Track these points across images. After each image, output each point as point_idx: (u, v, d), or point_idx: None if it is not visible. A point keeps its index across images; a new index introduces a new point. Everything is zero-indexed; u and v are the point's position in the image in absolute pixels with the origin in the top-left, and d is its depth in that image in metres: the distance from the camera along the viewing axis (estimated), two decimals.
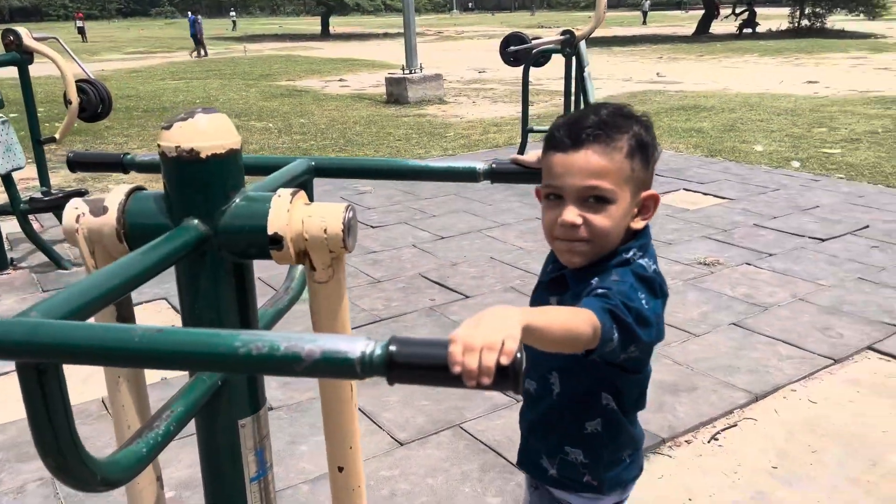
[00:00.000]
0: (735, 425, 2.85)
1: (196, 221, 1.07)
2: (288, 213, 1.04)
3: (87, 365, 0.85)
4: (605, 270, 1.27)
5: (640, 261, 1.29)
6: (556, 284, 1.36)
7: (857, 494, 2.43)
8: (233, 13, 55.32)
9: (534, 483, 1.51)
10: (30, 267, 4.70)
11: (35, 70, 5.03)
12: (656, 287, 1.27)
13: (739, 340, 3.50)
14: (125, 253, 1.11)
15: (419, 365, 0.70)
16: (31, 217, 4.73)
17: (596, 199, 1.25)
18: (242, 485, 1.22)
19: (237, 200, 1.09)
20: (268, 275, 3.96)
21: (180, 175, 1.07)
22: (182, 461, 2.62)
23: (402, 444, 2.74)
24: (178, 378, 3.17)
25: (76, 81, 4.72)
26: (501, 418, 2.89)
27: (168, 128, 1.05)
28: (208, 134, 1.05)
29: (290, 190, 1.10)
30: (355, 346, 0.71)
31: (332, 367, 0.71)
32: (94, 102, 4.88)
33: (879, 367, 3.26)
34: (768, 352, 3.38)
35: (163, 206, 1.10)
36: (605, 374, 1.32)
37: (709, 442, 2.75)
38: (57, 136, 4.87)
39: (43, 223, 5.52)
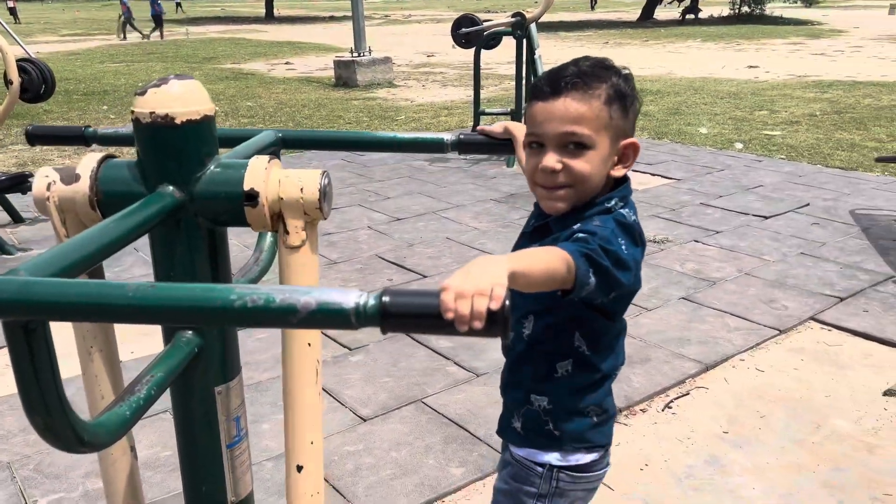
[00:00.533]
0: (687, 394, 2.95)
1: (171, 188, 1.07)
2: (265, 173, 1.05)
3: (79, 321, 0.85)
4: (586, 218, 1.30)
5: (622, 210, 1.32)
6: (539, 233, 1.39)
7: (803, 455, 2.55)
8: None
9: (504, 456, 1.51)
10: None
11: None
12: (636, 235, 1.30)
13: (689, 314, 3.61)
14: (97, 221, 1.10)
15: (412, 313, 0.72)
16: None
17: (575, 145, 1.29)
18: (219, 451, 1.23)
19: (212, 167, 1.09)
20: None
21: (154, 141, 1.06)
22: (141, 442, 2.59)
23: (365, 420, 2.76)
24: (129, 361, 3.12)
25: (17, 61, 4.56)
26: (462, 392, 2.93)
27: (142, 94, 1.05)
28: (183, 99, 1.05)
29: (266, 156, 1.10)
30: (349, 297, 0.73)
31: (328, 318, 0.72)
32: (37, 83, 4.72)
33: (821, 336, 3.41)
34: (717, 324, 3.50)
35: (136, 173, 1.09)
36: (577, 313, 1.34)
37: (663, 410, 2.84)
38: None
39: None
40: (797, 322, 3.51)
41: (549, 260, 1.12)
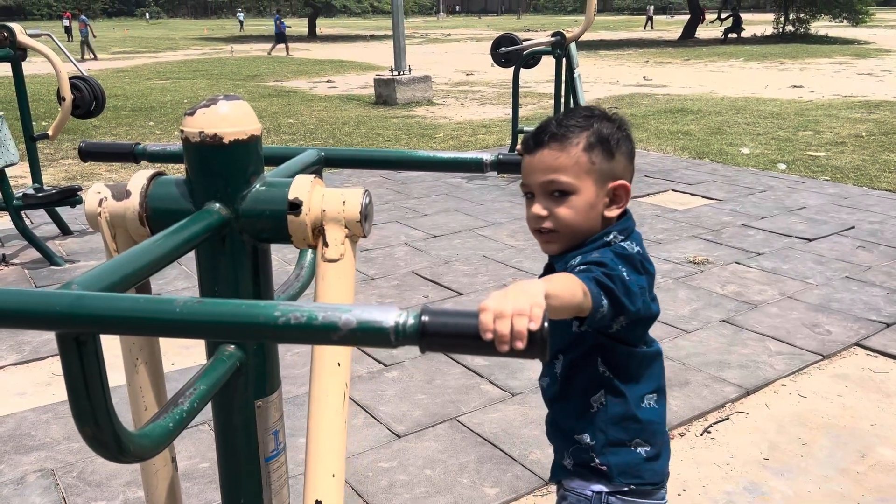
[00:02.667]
0: (727, 419, 2.90)
1: (218, 205, 1.10)
2: (310, 184, 1.08)
3: (128, 335, 0.88)
4: (586, 252, 1.38)
5: (622, 243, 1.39)
6: (546, 273, 1.47)
7: (847, 485, 2.48)
8: (240, 13, 55.95)
9: (558, 494, 1.53)
10: (22, 263, 4.68)
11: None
12: (637, 264, 1.35)
13: (730, 337, 3.55)
14: (146, 237, 1.14)
15: (451, 333, 0.73)
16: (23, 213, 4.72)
17: (560, 193, 1.39)
18: (257, 465, 1.25)
19: (258, 185, 1.11)
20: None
21: (203, 160, 1.09)
22: (181, 453, 2.63)
23: (399, 437, 2.77)
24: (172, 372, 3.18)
25: (70, 78, 4.71)
26: (497, 412, 2.92)
27: (192, 114, 1.08)
28: (231, 120, 1.08)
29: (311, 175, 1.13)
30: (389, 315, 0.74)
31: (368, 336, 0.74)
32: (88, 99, 4.87)
33: (866, 362, 3.33)
34: (758, 348, 3.44)
35: (185, 190, 1.12)
36: (599, 343, 1.40)
37: (701, 435, 2.80)
38: (50, 132, 4.85)
39: (34, 220, 5.50)
40: (841, 347, 3.43)
41: (570, 284, 1.20)
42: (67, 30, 40.64)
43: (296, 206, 1.06)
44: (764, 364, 3.28)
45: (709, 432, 2.81)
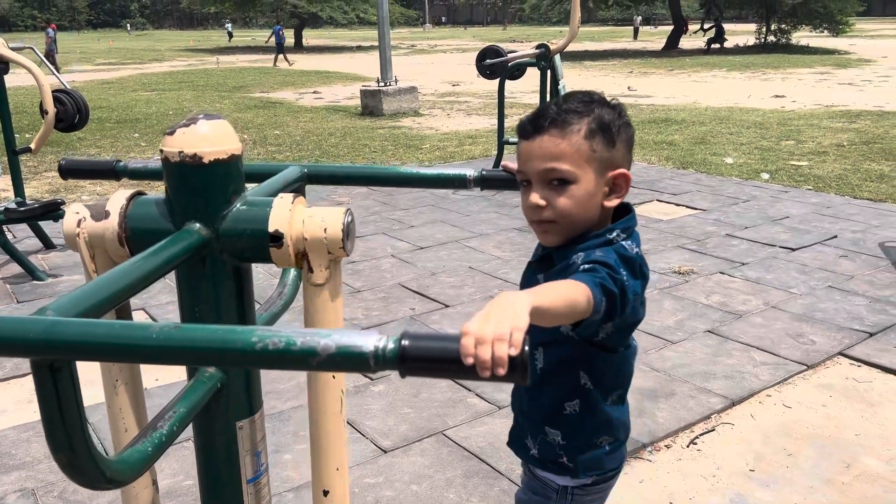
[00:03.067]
0: (713, 430, 2.90)
1: (198, 225, 1.09)
2: (290, 213, 1.07)
3: (104, 361, 0.87)
4: (588, 248, 1.33)
5: (624, 242, 1.35)
6: (543, 263, 1.42)
7: (832, 495, 2.49)
8: (229, 25, 56.12)
9: (524, 468, 1.58)
10: (3, 278, 4.63)
11: None
12: (636, 268, 1.32)
13: (715, 347, 3.57)
14: (126, 257, 1.13)
15: (431, 358, 0.73)
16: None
17: (558, 181, 1.33)
18: (239, 486, 1.23)
19: (238, 205, 1.11)
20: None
21: (183, 180, 1.08)
22: (164, 471, 2.61)
23: (385, 452, 2.75)
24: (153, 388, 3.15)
25: (53, 91, 4.68)
26: (484, 425, 2.91)
27: (171, 133, 1.07)
28: (211, 139, 1.07)
29: (291, 195, 1.12)
30: (368, 340, 0.73)
31: (347, 361, 0.73)
32: (71, 112, 4.84)
33: (850, 372, 3.35)
34: (743, 358, 3.45)
35: (164, 210, 1.11)
36: (583, 352, 1.38)
37: (688, 446, 2.80)
38: (32, 146, 4.81)
39: (16, 234, 5.45)
40: (825, 357, 3.45)
41: (570, 293, 1.14)
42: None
43: (277, 239, 1.06)
44: (749, 375, 3.29)
45: (695, 444, 2.81)
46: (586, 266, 1.25)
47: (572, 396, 1.42)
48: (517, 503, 1.62)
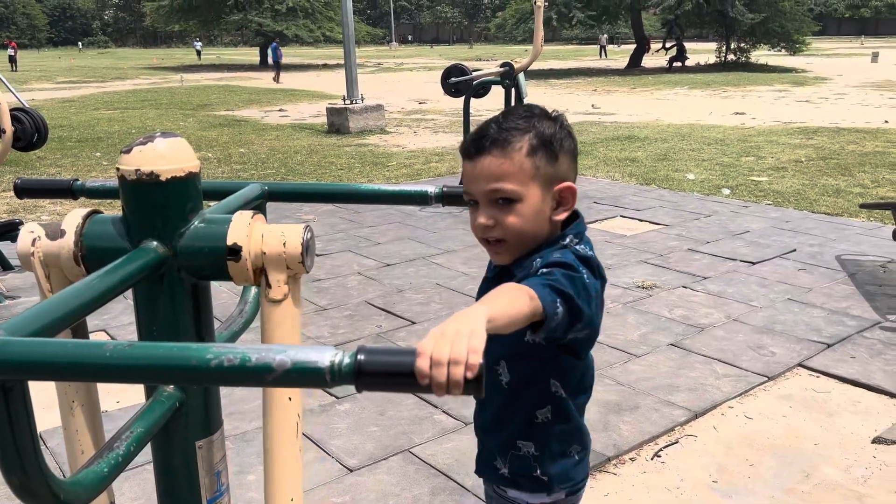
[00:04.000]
0: (676, 442, 2.94)
1: (155, 243, 1.08)
2: (248, 227, 1.07)
3: (57, 380, 0.86)
4: (544, 255, 1.33)
5: (577, 247, 1.36)
6: (501, 277, 1.40)
7: None
8: (198, 43, 55.63)
9: (488, 491, 1.55)
10: None
11: None
12: (594, 267, 1.33)
13: (678, 360, 3.61)
14: (82, 276, 1.12)
15: (387, 373, 0.73)
16: None
17: (504, 201, 1.33)
18: None
19: (196, 222, 1.10)
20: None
21: (139, 198, 1.08)
22: (125, 494, 2.56)
23: (351, 471, 2.73)
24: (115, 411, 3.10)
25: (11, 110, 4.60)
26: (451, 441, 2.91)
27: (128, 151, 1.07)
28: (168, 157, 1.07)
29: (250, 212, 1.12)
30: (324, 355, 0.74)
31: (302, 377, 0.73)
32: (30, 132, 4.76)
33: (809, 382, 3.41)
34: (706, 371, 3.50)
35: (121, 228, 1.11)
36: (550, 357, 1.37)
37: (652, 459, 2.83)
38: None
39: None
40: (785, 368, 3.52)
41: (513, 296, 1.14)
42: (11, 59, 39.78)
43: (235, 252, 1.05)
44: (711, 387, 3.34)
45: (659, 456, 2.84)
46: (543, 270, 1.25)
47: (543, 404, 1.42)
48: None
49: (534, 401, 1.42)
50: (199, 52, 54.23)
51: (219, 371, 0.73)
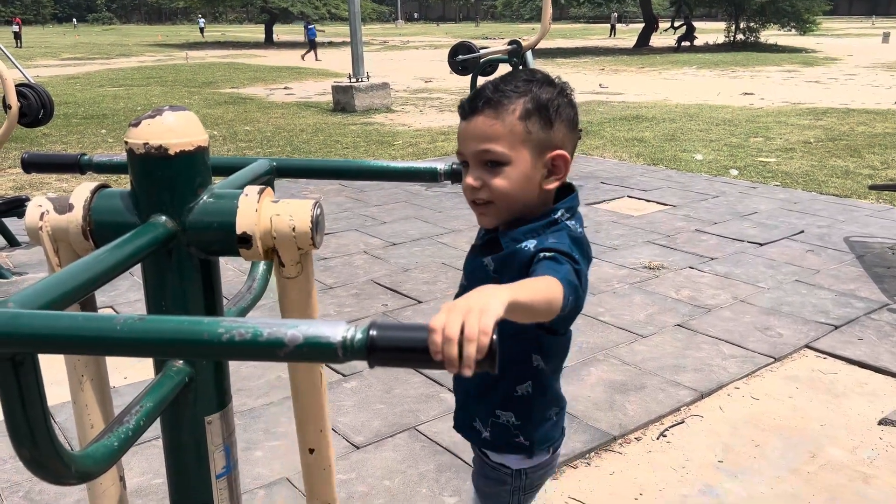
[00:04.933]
0: (682, 422, 2.94)
1: (164, 218, 1.07)
2: (256, 213, 1.06)
3: (68, 354, 0.85)
4: (536, 231, 1.32)
5: (569, 223, 1.34)
6: (488, 247, 1.40)
7: (798, 485, 2.53)
8: (201, 20, 55.35)
9: (475, 452, 1.58)
10: None
11: None
12: (584, 248, 1.33)
13: (684, 341, 3.61)
14: (90, 250, 1.11)
15: (400, 348, 0.73)
16: None
17: (492, 163, 1.32)
18: (209, 482, 1.22)
19: (205, 197, 1.09)
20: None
21: (148, 172, 1.07)
22: (133, 469, 2.57)
23: (358, 448, 2.74)
24: (123, 386, 3.11)
25: (16, 86, 4.59)
26: None
27: (136, 125, 1.06)
28: (177, 131, 1.06)
29: (258, 187, 1.11)
30: (336, 330, 0.73)
31: (315, 352, 0.73)
32: (35, 108, 4.75)
33: (816, 364, 3.41)
34: (712, 351, 3.49)
35: (129, 203, 1.10)
36: (534, 336, 1.38)
37: (657, 439, 2.83)
38: None
39: None
40: (792, 350, 3.51)
41: (548, 290, 1.12)
42: (16, 35, 39.65)
43: (245, 241, 1.05)
44: (718, 367, 3.34)
45: (664, 436, 2.85)
46: (546, 255, 1.23)
47: (524, 380, 1.42)
48: (475, 489, 1.63)
49: (516, 377, 1.43)
50: (202, 30, 53.95)
51: (230, 345, 0.72)
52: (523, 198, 1.34)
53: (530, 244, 1.30)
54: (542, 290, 1.11)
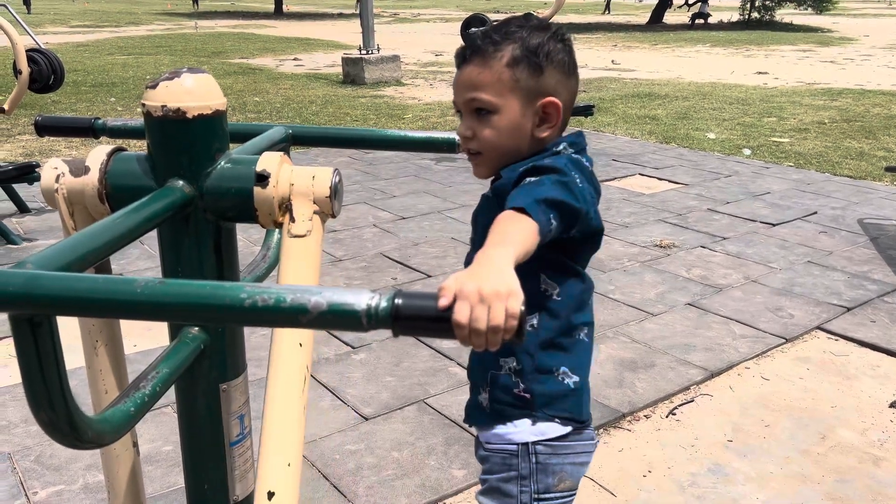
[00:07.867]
0: (692, 401, 2.93)
1: (181, 182, 1.06)
2: (279, 160, 1.05)
3: (86, 316, 0.84)
4: (534, 161, 1.27)
5: (574, 155, 1.30)
6: (498, 194, 1.33)
7: (808, 466, 2.53)
8: None
9: (478, 454, 1.46)
10: None
11: None
12: (587, 173, 1.27)
13: (695, 320, 3.59)
14: (106, 214, 1.09)
15: (425, 317, 0.71)
16: None
17: (481, 111, 1.31)
18: (222, 449, 1.22)
19: (222, 162, 1.08)
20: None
21: (165, 135, 1.05)
22: (143, 436, 2.58)
23: (367, 419, 2.75)
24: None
25: (27, 51, 4.56)
26: (465, 394, 2.89)
27: (154, 87, 1.04)
28: (195, 94, 1.04)
29: (277, 152, 1.09)
30: (361, 298, 0.72)
31: (338, 319, 0.71)
32: (46, 73, 4.72)
33: (828, 345, 3.39)
34: (723, 331, 3.48)
35: (146, 166, 1.08)
36: (540, 253, 1.19)
37: (667, 417, 2.83)
38: (6, 106, 4.70)
39: None
40: (803, 331, 3.49)
41: (518, 228, 1.07)
42: (26, 2, 39.42)
43: (263, 178, 1.03)
44: (728, 347, 3.32)
45: (674, 414, 2.84)
46: (531, 179, 1.19)
47: (532, 310, 1.32)
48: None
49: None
50: (195, 1, 52.85)
51: (252, 311, 0.71)
52: (512, 147, 1.31)
53: (522, 168, 1.25)
54: (517, 232, 1.06)
